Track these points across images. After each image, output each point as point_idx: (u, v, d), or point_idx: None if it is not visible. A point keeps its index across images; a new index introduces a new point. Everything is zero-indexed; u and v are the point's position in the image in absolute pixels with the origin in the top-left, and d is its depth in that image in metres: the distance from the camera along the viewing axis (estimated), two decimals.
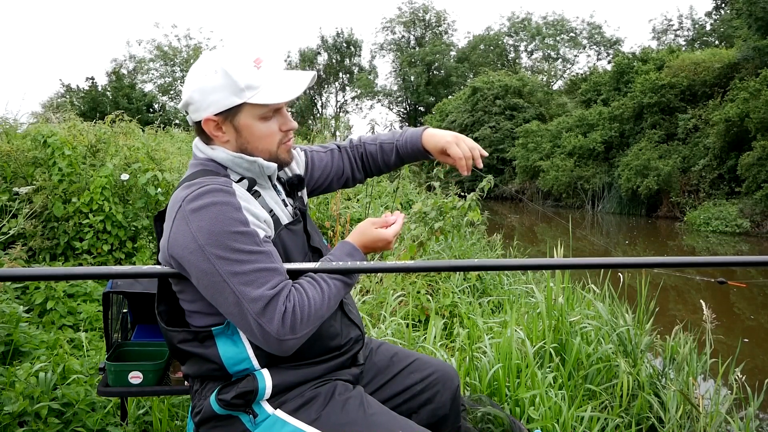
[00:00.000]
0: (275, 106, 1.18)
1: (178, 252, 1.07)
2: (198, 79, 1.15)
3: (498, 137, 26.66)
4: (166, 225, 1.12)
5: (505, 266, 2.19)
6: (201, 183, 1.10)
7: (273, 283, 1.06)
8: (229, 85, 1.12)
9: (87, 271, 1.26)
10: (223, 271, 1.04)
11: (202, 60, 1.17)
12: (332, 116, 42.91)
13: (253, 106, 1.15)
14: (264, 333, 1.04)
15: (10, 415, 1.78)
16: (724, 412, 2.38)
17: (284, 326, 1.04)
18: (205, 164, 1.20)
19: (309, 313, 1.08)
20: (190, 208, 1.07)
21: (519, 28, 40.22)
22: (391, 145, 1.50)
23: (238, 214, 1.07)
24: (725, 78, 17.86)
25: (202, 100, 1.14)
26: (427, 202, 4.21)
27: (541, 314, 2.86)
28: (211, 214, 1.05)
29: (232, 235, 1.05)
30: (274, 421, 1.14)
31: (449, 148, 1.39)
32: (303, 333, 1.08)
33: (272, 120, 1.19)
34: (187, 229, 1.06)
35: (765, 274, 11.19)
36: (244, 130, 1.17)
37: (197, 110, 1.16)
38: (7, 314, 2.32)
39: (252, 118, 1.16)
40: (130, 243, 3.73)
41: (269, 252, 1.09)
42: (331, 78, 46.23)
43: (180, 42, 36.63)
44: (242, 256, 1.05)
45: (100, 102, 26.22)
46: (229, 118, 1.16)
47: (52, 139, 3.73)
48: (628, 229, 16.48)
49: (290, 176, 1.36)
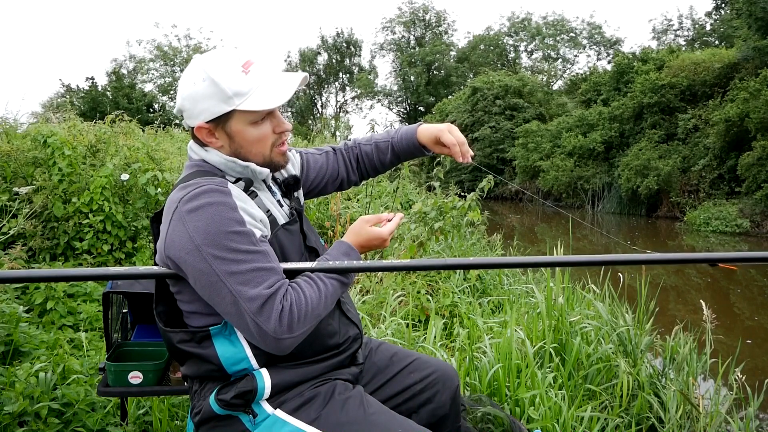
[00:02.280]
0: (264, 112, 1.17)
1: (175, 253, 1.07)
2: (187, 86, 1.14)
3: (498, 137, 26.65)
4: (162, 226, 1.12)
5: (503, 264, 2.20)
6: (197, 184, 1.10)
7: (270, 282, 1.06)
8: (217, 93, 1.12)
9: (85, 273, 1.26)
10: (219, 270, 1.04)
11: (192, 66, 1.16)
12: (332, 116, 42.92)
13: (242, 112, 1.14)
14: (261, 332, 1.04)
15: (10, 415, 1.78)
16: (724, 412, 2.38)
17: (281, 325, 1.05)
18: (200, 165, 1.20)
19: (306, 312, 1.08)
20: (186, 208, 1.07)
21: (519, 28, 40.22)
22: (386, 143, 1.51)
23: (234, 214, 1.08)
24: (725, 78, 17.86)
25: (193, 108, 1.15)
26: (427, 202, 4.21)
27: (541, 314, 2.86)
28: (207, 215, 1.05)
29: (229, 235, 1.05)
30: (273, 421, 1.14)
31: (442, 136, 1.41)
32: (300, 332, 1.08)
33: (264, 123, 1.19)
34: (183, 230, 1.06)
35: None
36: (236, 136, 1.17)
37: (189, 117, 1.17)
38: (7, 314, 2.31)
39: (243, 124, 1.16)
40: (130, 243, 3.73)
41: (265, 252, 1.10)
42: (331, 78, 46.26)
43: (180, 42, 36.68)
44: (239, 255, 1.05)
45: (100, 102, 26.21)
46: (220, 125, 1.16)
47: (52, 139, 3.72)
48: (628, 229, 16.47)
49: (286, 177, 1.37)
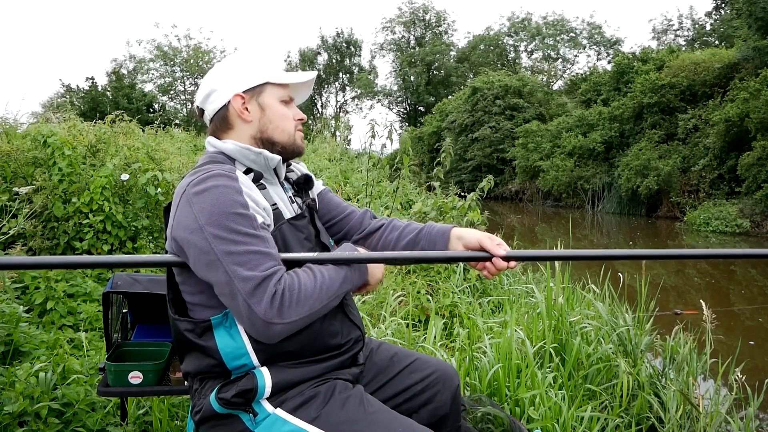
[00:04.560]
0: (294, 85, 1.31)
1: (180, 234, 1.10)
2: (222, 66, 1.29)
3: (498, 137, 26.62)
4: (171, 211, 1.16)
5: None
6: (206, 169, 1.15)
7: (266, 266, 1.07)
8: (253, 65, 1.27)
9: (88, 260, 1.26)
10: (218, 250, 1.06)
11: (223, 58, 1.34)
12: (332, 116, 42.89)
13: (274, 86, 1.28)
14: (252, 313, 1.05)
15: (10, 415, 1.78)
16: (724, 412, 2.38)
17: (272, 308, 1.04)
18: (213, 156, 1.25)
19: (298, 298, 1.07)
20: (193, 191, 1.11)
21: (519, 28, 40.19)
22: (410, 240, 1.40)
23: (238, 197, 1.11)
24: (725, 78, 17.84)
25: (228, 80, 1.26)
26: (427, 202, 4.22)
27: (541, 314, 2.86)
28: (212, 196, 1.09)
29: (231, 216, 1.08)
30: (274, 420, 1.14)
31: (484, 243, 1.27)
32: (291, 319, 1.07)
33: (289, 106, 1.32)
34: (190, 211, 1.09)
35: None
36: (268, 109, 1.27)
37: (221, 94, 1.25)
38: (7, 314, 2.31)
39: (274, 98, 1.28)
40: (130, 243, 3.73)
41: (265, 237, 1.12)
42: (331, 78, 46.23)
43: (180, 42, 36.74)
44: (238, 237, 1.07)
45: (100, 102, 26.18)
46: (254, 96, 1.27)
47: (52, 139, 3.72)
48: (628, 229, 16.47)
49: (298, 176, 1.41)
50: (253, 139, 1.27)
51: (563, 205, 22.31)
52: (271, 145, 1.28)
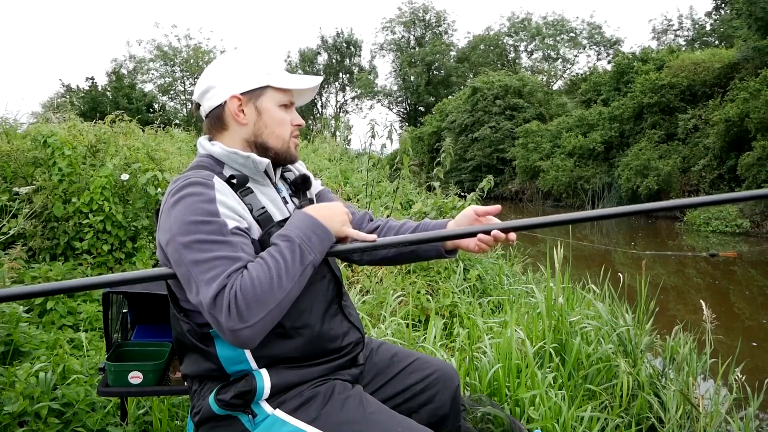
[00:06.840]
0: (296, 90, 1.27)
1: (163, 244, 1.10)
2: (223, 63, 1.24)
3: (498, 137, 26.60)
4: (158, 219, 1.16)
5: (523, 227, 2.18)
6: (185, 176, 1.14)
7: (228, 272, 1.02)
8: (255, 67, 1.22)
9: (83, 283, 1.13)
10: (186, 260, 1.04)
11: (225, 54, 1.25)
12: (332, 116, 42.89)
13: (275, 90, 1.23)
14: (218, 326, 1.01)
15: (10, 415, 1.78)
16: (724, 412, 2.38)
17: (231, 316, 0.99)
18: (201, 161, 1.22)
19: (255, 296, 1.00)
20: (171, 201, 1.10)
21: (519, 28, 40.18)
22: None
23: (207, 206, 1.08)
24: (725, 78, 17.83)
25: (227, 79, 1.21)
26: (427, 202, 4.22)
27: (541, 314, 2.86)
28: (183, 205, 1.08)
29: (197, 225, 1.06)
30: (273, 421, 1.14)
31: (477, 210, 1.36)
32: (256, 320, 1.00)
33: (288, 111, 1.27)
34: (167, 221, 1.09)
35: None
36: (265, 113, 1.23)
37: (219, 92, 1.21)
38: (7, 314, 2.31)
39: (273, 103, 1.23)
40: (130, 243, 3.73)
41: (233, 242, 1.06)
42: (331, 78, 46.20)
43: (180, 42, 36.72)
44: (204, 245, 1.04)
45: (100, 102, 26.19)
46: (252, 99, 1.22)
47: (52, 139, 3.72)
48: (628, 229, 16.46)
49: (296, 176, 1.38)
50: (246, 142, 1.23)
51: (563, 205, 22.29)
52: (264, 149, 1.24)
